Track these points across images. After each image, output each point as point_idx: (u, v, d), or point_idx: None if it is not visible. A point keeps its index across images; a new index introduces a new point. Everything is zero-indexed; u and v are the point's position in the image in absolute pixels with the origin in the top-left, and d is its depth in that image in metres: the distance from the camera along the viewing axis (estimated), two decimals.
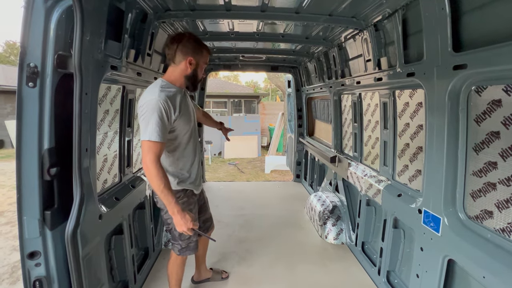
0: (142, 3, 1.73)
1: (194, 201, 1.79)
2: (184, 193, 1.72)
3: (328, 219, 3.06)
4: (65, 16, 1.20)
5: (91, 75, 1.33)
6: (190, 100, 1.75)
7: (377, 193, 2.26)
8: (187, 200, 1.73)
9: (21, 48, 1.13)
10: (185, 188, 1.73)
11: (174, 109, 1.50)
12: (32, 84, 1.16)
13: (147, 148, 1.43)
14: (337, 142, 3.35)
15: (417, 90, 1.81)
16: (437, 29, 1.40)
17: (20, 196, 1.22)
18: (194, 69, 1.59)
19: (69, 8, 1.21)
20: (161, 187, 1.46)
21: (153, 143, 1.43)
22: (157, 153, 1.44)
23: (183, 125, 1.59)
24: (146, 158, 1.44)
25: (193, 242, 1.81)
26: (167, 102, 1.46)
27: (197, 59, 1.58)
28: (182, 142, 1.65)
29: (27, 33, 1.12)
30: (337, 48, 2.77)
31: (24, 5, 1.10)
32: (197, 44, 1.60)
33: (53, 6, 1.17)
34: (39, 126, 1.21)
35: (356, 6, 1.87)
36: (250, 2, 1.91)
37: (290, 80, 5.16)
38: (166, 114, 1.46)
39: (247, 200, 4.31)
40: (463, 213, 1.45)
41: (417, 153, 1.87)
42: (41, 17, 1.13)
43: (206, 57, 1.64)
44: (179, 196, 1.69)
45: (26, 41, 1.13)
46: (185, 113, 1.60)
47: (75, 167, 1.31)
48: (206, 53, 1.64)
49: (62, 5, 1.20)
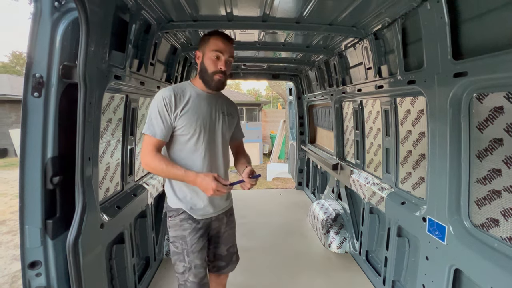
0: (146, 15, 1.77)
1: (192, 228, 1.44)
2: (177, 213, 1.45)
3: (331, 228, 3.03)
4: (71, 28, 1.23)
5: (95, 85, 1.35)
6: (221, 107, 1.50)
7: (380, 201, 2.24)
8: (180, 223, 1.43)
9: (27, 59, 1.15)
10: (180, 207, 1.44)
11: (175, 107, 1.36)
12: (37, 94, 1.18)
13: (144, 143, 1.38)
14: (339, 150, 3.34)
15: (418, 98, 1.82)
16: (437, 37, 1.41)
17: (22, 205, 1.22)
18: (202, 61, 1.41)
19: (75, 20, 1.24)
20: (164, 168, 1.31)
21: (147, 137, 1.36)
22: (151, 148, 1.34)
23: (185, 126, 1.37)
24: (142, 154, 1.36)
25: (190, 283, 1.43)
26: (170, 98, 1.35)
27: (202, 49, 1.41)
28: (185, 148, 1.41)
29: (33, 45, 1.15)
30: (337, 56, 2.79)
31: (32, 17, 1.13)
32: (205, 35, 1.43)
33: (59, 18, 1.19)
34: (43, 135, 1.23)
35: (356, 15, 1.90)
36: (251, 12, 1.94)
37: (291, 88, 5.20)
38: (166, 109, 1.34)
39: (249, 208, 4.27)
40: (469, 221, 1.43)
41: (420, 161, 1.86)
42: (47, 29, 1.16)
43: (213, 44, 1.36)
44: (171, 216, 1.46)
45: (33, 52, 1.15)
46: (192, 112, 1.38)
47: (77, 176, 1.31)
48: (214, 39, 1.37)
49: (68, 17, 1.23)
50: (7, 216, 5.72)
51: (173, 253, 1.49)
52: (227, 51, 1.39)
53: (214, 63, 1.38)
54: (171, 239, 1.49)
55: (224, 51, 1.38)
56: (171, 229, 1.49)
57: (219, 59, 1.38)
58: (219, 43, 1.37)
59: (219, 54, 1.37)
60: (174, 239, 1.47)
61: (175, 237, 1.47)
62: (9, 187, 7.63)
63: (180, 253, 1.45)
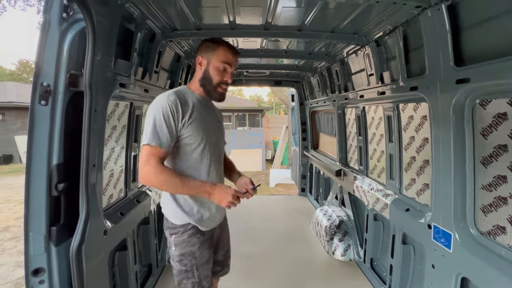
0: (150, 24, 1.81)
1: (201, 241, 1.38)
2: (184, 229, 1.36)
3: (334, 235, 2.99)
4: (78, 38, 1.26)
5: (101, 93, 1.37)
6: (216, 114, 1.48)
7: (384, 208, 2.22)
8: (188, 239, 1.36)
9: (35, 68, 1.18)
10: (187, 222, 1.36)
11: (183, 115, 1.27)
12: (44, 102, 1.20)
13: (145, 155, 1.21)
14: (342, 156, 3.33)
15: (421, 104, 1.82)
16: (438, 44, 1.42)
17: (27, 211, 1.24)
18: (205, 69, 1.34)
19: (82, 30, 1.27)
20: (178, 182, 1.22)
21: (151, 148, 1.21)
22: (156, 160, 1.21)
23: (192, 135, 1.30)
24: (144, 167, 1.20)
25: None
26: (176, 105, 1.25)
27: (207, 57, 1.34)
28: (192, 158, 1.34)
29: (42, 54, 1.18)
30: (339, 63, 2.81)
31: (40, 27, 1.16)
32: (210, 41, 1.36)
33: (67, 29, 1.23)
34: (49, 143, 1.25)
35: (357, 23, 1.93)
36: (254, 21, 1.97)
37: (293, 94, 5.23)
38: (172, 117, 1.24)
39: (252, 214, 4.25)
40: (475, 228, 1.41)
41: (424, 167, 1.85)
42: (55, 39, 1.19)
43: (222, 55, 1.32)
44: (176, 232, 1.36)
45: (41, 61, 1.18)
46: (197, 121, 1.31)
47: (82, 182, 1.33)
48: (223, 50, 1.33)
49: (76, 28, 1.26)
50: (11, 222, 5.75)
51: (180, 271, 1.37)
52: (234, 64, 1.38)
53: (221, 74, 1.34)
54: (178, 258, 1.37)
55: (232, 63, 1.36)
56: (177, 247, 1.37)
57: (226, 71, 1.35)
58: (229, 55, 1.34)
59: (227, 66, 1.34)
60: (181, 257, 1.37)
61: (182, 254, 1.36)
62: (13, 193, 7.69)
63: (189, 270, 1.37)
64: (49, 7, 1.16)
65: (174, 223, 1.38)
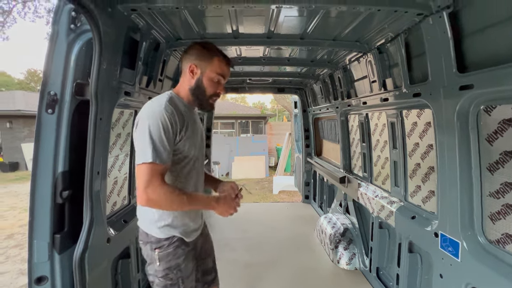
0: (155, 34, 1.85)
1: (186, 252, 1.33)
2: (169, 242, 1.29)
3: (339, 243, 2.95)
4: (85, 48, 1.30)
5: (106, 102, 1.40)
6: (199, 124, 1.42)
7: (389, 215, 2.18)
8: (173, 251, 1.29)
9: (43, 77, 1.21)
10: (172, 235, 1.30)
11: (180, 128, 1.21)
12: (51, 110, 1.23)
13: (147, 174, 1.11)
14: (345, 162, 3.31)
15: (425, 110, 1.81)
16: (440, 51, 1.43)
17: (32, 219, 1.25)
18: (199, 78, 1.27)
19: (89, 41, 1.30)
20: (185, 201, 1.17)
21: (153, 166, 1.11)
22: (160, 179, 1.14)
23: (186, 149, 1.26)
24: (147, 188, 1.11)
25: None
26: (174, 116, 1.17)
27: (202, 66, 1.26)
28: (182, 172, 1.29)
29: (49, 64, 1.21)
30: (342, 70, 2.83)
31: (49, 38, 1.20)
32: (205, 49, 1.28)
33: (74, 39, 1.26)
34: (55, 150, 1.26)
35: (359, 30, 1.94)
36: (256, 30, 2.01)
37: (296, 101, 5.24)
38: (172, 130, 1.17)
39: (255, 222, 4.22)
40: (483, 237, 1.38)
41: (429, 174, 1.83)
42: (63, 50, 1.22)
43: (217, 66, 1.27)
44: (161, 246, 1.28)
45: (49, 71, 1.21)
46: (191, 134, 1.28)
47: (86, 190, 1.34)
48: (219, 61, 1.28)
49: (83, 38, 1.30)
50: (16, 229, 5.78)
51: (165, 286, 1.30)
52: (228, 75, 1.35)
53: (215, 86, 1.30)
54: (163, 273, 1.29)
55: (226, 75, 1.33)
56: (162, 261, 1.29)
57: (220, 83, 1.31)
58: (224, 66, 1.30)
59: (221, 78, 1.30)
60: (167, 271, 1.29)
61: (168, 268, 1.29)
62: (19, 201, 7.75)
63: (175, 283, 1.30)
64: (57, 19, 1.20)
65: (157, 237, 1.29)
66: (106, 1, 1.24)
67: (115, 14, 1.34)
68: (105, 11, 1.24)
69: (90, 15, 1.19)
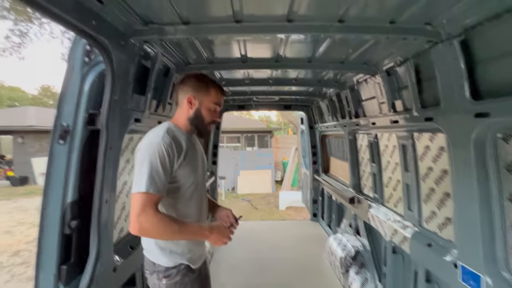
0: (165, 60, 1.89)
1: (192, 280, 1.33)
2: (177, 270, 1.29)
3: (350, 266, 2.83)
4: (97, 79, 1.33)
5: (117, 130, 1.41)
6: (200, 149, 1.48)
7: (404, 241, 2.09)
8: (181, 280, 1.30)
9: (57, 110, 1.24)
10: (180, 263, 1.30)
11: (178, 156, 1.24)
12: (62, 141, 1.24)
13: (140, 203, 1.13)
14: (355, 182, 3.24)
15: (438, 134, 1.77)
16: (452, 77, 1.41)
17: (39, 250, 1.23)
18: (197, 109, 1.34)
19: (101, 72, 1.33)
20: (176, 230, 1.18)
21: (147, 195, 1.13)
22: (154, 208, 1.15)
23: (186, 176, 1.29)
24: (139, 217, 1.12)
25: None
26: (171, 147, 1.21)
27: (199, 97, 1.33)
28: (183, 197, 1.32)
29: (63, 98, 1.24)
30: (349, 89, 2.82)
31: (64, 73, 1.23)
32: (201, 81, 1.36)
33: (88, 72, 1.29)
34: (65, 180, 1.27)
35: (367, 54, 1.95)
36: (265, 54, 2.03)
37: (303, 118, 5.24)
38: (169, 160, 1.20)
39: (262, 241, 4.12)
40: (507, 271, 1.29)
41: (444, 200, 1.76)
42: (77, 82, 1.25)
43: (214, 96, 1.36)
44: (169, 275, 1.28)
45: (62, 104, 1.24)
46: (190, 161, 1.31)
47: (94, 219, 1.33)
48: (215, 92, 1.37)
49: (96, 70, 1.33)
50: (22, 246, 5.77)
51: None
52: (222, 103, 1.44)
53: (212, 114, 1.38)
54: None
55: (221, 103, 1.42)
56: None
57: (216, 111, 1.40)
58: (219, 96, 1.39)
59: (217, 107, 1.39)
60: None
61: None
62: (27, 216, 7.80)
63: None
64: (73, 54, 1.24)
65: (165, 266, 1.30)
66: (120, 35, 1.28)
67: (128, 46, 1.37)
68: (119, 44, 1.28)
69: (104, 48, 1.22)
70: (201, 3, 1.28)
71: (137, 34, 1.36)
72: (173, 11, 1.28)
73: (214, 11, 1.33)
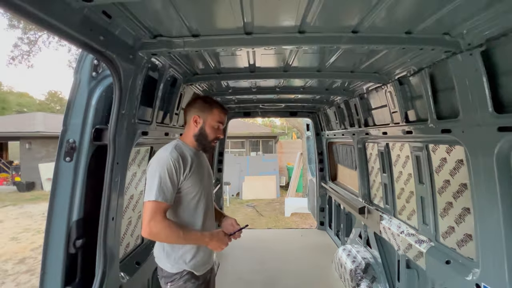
0: (173, 71, 1.86)
1: (196, 286, 1.44)
2: (180, 276, 1.41)
3: (361, 280, 2.73)
4: (105, 93, 1.29)
5: (123, 145, 1.37)
6: (206, 164, 1.62)
7: (419, 256, 2.01)
8: (183, 285, 1.41)
9: (63, 126, 1.20)
10: (183, 269, 1.41)
11: (184, 169, 1.39)
12: (69, 158, 1.21)
13: (151, 210, 1.28)
14: (364, 192, 3.15)
15: (455, 147, 1.69)
16: (472, 88, 1.34)
17: (43, 272, 1.19)
18: (201, 127, 1.49)
19: (109, 86, 1.30)
20: (181, 235, 1.33)
21: (156, 204, 1.29)
22: (162, 215, 1.30)
23: (191, 186, 1.43)
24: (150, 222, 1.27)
25: None
26: (178, 161, 1.36)
27: (203, 116, 1.50)
28: (189, 207, 1.45)
29: (70, 113, 1.20)
30: (358, 98, 2.76)
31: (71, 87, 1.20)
32: (205, 102, 1.53)
33: (95, 86, 1.26)
34: (71, 199, 1.23)
35: (378, 63, 1.89)
36: (273, 63, 1.99)
37: (309, 124, 5.18)
38: (175, 173, 1.35)
39: (269, 252, 4.03)
40: None
41: (463, 215, 1.68)
42: (84, 97, 1.22)
43: (217, 116, 1.51)
44: (172, 280, 1.41)
45: (69, 119, 1.21)
46: (196, 174, 1.45)
47: (100, 238, 1.28)
48: (218, 112, 1.52)
49: (104, 84, 1.30)
50: (27, 253, 5.77)
51: None
52: (225, 122, 1.59)
53: (215, 132, 1.53)
54: None
55: (224, 122, 1.57)
56: None
57: (219, 129, 1.55)
58: (222, 115, 1.55)
59: (220, 125, 1.55)
60: None
61: None
62: (33, 222, 7.83)
63: None
64: (80, 68, 1.21)
65: (169, 272, 1.43)
66: (128, 49, 1.25)
67: (136, 59, 1.34)
68: (127, 58, 1.25)
69: (111, 62, 1.18)
70: (211, 15, 1.24)
71: (146, 48, 1.33)
72: (182, 23, 1.24)
73: (224, 23, 1.30)
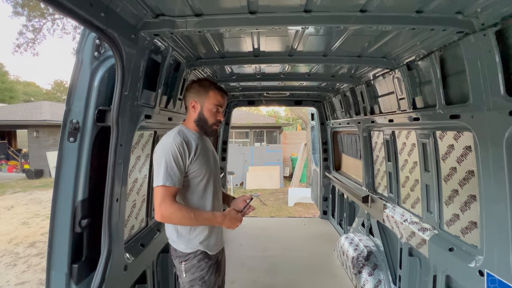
0: (176, 55, 1.84)
1: (209, 265, 1.49)
2: (194, 255, 1.47)
3: (363, 267, 2.75)
4: (107, 75, 1.28)
5: (127, 127, 1.37)
6: (211, 147, 1.63)
7: (421, 243, 2.00)
8: (197, 263, 1.46)
9: (66, 106, 1.20)
10: (197, 249, 1.47)
11: (189, 153, 1.41)
12: (72, 139, 1.21)
13: (160, 195, 1.32)
14: (368, 181, 3.13)
15: (463, 133, 1.65)
16: (485, 71, 1.29)
17: (50, 249, 1.22)
18: (200, 112, 1.49)
19: (111, 67, 1.29)
20: (192, 217, 1.35)
21: (165, 188, 1.32)
22: (171, 199, 1.34)
23: (198, 169, 1.44)
24: (160, 206, 1.31)
25: None
26: (182, 145, 1.38)
27: (200, 101, 1.49)
28: (198, 190, 1.47)
29: (73, 93, 1.20)
30: (365, 85, 2.71)
31: (73, 67, 1.19)
32: (201, 86, 1.50)
33: (98, 67, 1.25)
34: (75, 179, 1.24)
35: (387, 47, 1.84)
36: (278, 48, 1.95)
37: (313, 113, 5.12)
38: (181, 157, 1.37)
39: (272, 239, 4.08)
40: None
41: (469, 203, 1.66)
42: (86, 78, 1.21)
43: (213, 98, 1.48)
44: (187, 259, 1.46)
45: (72, 100, 1.20)
46: (201, 156, 1.46)
47: (105, 218, 1.30)
48: (214, 94, 1.49)
49: (106, 65, 1.29)
50: (38, 237, 5.95)
51: None
52: (224, 103, 1.55)
53: (214, 115, 1.51)
54: (189, 284, 1.48)
55: (223, 104, 1.53)
56: (187, 272, 1.48)
57: (218, 111, 1.52)
58: (219, 97, 1.51)
59: (219, 108, 1.51)
60: (192, 283, 1.48)
61: (193, 280, 1.47)
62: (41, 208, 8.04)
63: None
64: (82, 47, 1.19)
65: (182, 251, 1.48)
66: (130, 28, 1.22)
67: (138, 40, 1.32)
68: (129, 38, 1.23)
69: (114, 42, 1.17)
70: None
71: (148, 27, 1.31)
72: (185, 2, 1.21)
73: (228, 2, 1.26)
